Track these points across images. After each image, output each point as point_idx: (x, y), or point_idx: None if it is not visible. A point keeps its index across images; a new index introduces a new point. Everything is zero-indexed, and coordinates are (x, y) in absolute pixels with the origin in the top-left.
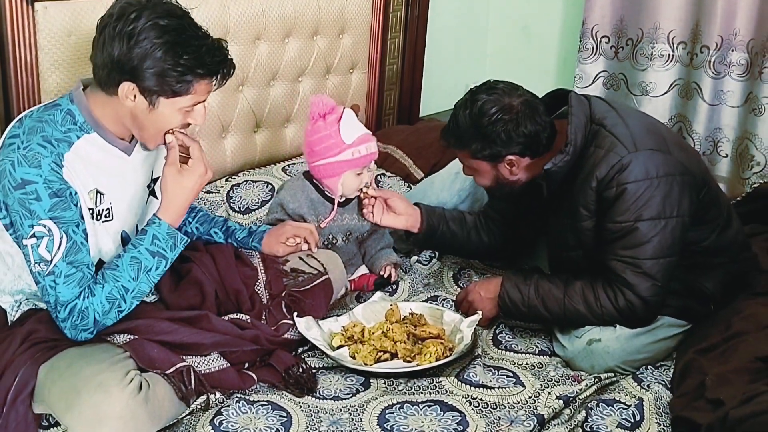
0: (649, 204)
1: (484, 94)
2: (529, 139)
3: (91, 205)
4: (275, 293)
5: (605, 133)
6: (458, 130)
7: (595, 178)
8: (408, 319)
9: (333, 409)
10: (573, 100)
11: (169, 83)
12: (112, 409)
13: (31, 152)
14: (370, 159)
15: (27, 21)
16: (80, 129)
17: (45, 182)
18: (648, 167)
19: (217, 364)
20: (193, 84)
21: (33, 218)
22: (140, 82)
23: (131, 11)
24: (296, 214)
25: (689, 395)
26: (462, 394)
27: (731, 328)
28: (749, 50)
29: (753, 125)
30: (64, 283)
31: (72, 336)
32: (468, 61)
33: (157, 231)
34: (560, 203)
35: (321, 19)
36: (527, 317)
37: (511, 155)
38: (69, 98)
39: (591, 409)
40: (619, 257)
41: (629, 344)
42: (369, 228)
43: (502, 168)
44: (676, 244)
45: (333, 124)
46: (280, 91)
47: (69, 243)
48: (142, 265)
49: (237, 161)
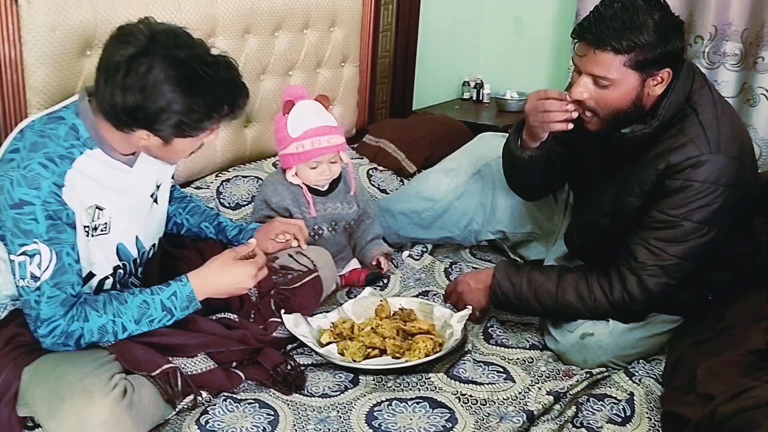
0: (704, 208)
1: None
2: (683, 52)
3: (87, 222)
4: (264, 291)
5: (695, 121)
6: (627, 19)
7: (666, 161)
8: (398, 314)
9: (321, 407)
10: (683, 71)
11: (187, 131)
12: (96, 416)
13: (31, 173)
14: (317, 154)
15: (10, 16)
16: (83, 144)
17: (43, 204)
18: (721, 174)
19: (204, 365)
20: (208, 127)
21: (26, 238)
22: (156, 131)
23: (141, 63)
24: (280, 208)
25: (680, 389)
26: (451, 390)
27: (723, 322)
28: (743, 40)
29: (747, 116)
30: (46, 303)
31: (48, 348)
32: (461, 54)
33: (179, 289)
34: (617, 167)
35: (311, 12)
36: (518, 309)
37: (671, 66)
38: (74, 111)
39: (581, 404)
40: (649, 245)
41: (622, 339)
42: (355, 216)
43: (650, 83)
44: (703, 252)
45: (285, 117)
46: (270, 86)
47: (58, 265)
48: (148, 313)
49: (227, 156)
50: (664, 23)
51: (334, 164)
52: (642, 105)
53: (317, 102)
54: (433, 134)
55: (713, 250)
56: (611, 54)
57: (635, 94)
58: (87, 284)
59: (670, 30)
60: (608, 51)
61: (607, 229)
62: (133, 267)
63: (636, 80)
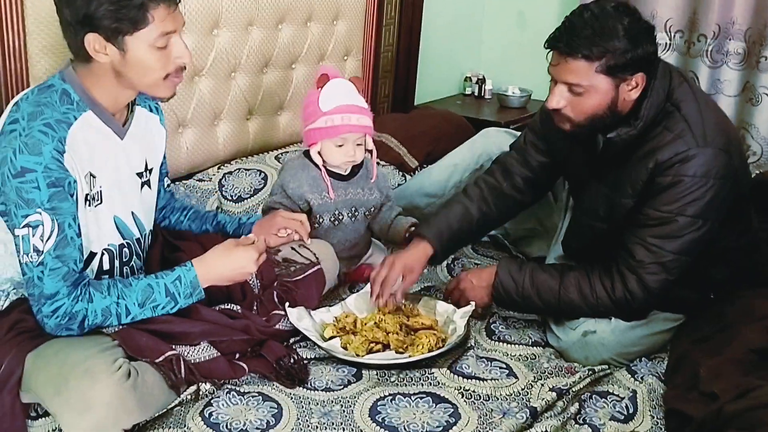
0: (696, 202)
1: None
2: (655, 56)
3: (87, 190)
4: (267, 283)
5: (678, 117)
6: (597, 27)
7: (654, 159)
8: (401, 309)
9: (324, 400)
10: (660, 71)
11: (123, 15)
12: (100, 396)
13: (32, 139)
14: (345, 130)
15: (15, 5)
16: (77, 108)
17: (45, 170)
18: (710, 167)
19: (207, 354)
20: (148, 10)
21: (29, 207)
22: (98, 27)
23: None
24: (296, 196)
25: (682, 387)
26: (454, 385)
27: (725, 320)
28: (747, 39)
29: (750, 115)
30: (49, 276)
31: (51, 332)
32: (463, 49)
33: (184, 274)
34: (606, 171)
35: (315, 5)
36: (520, 307)
37: (644, 70)
38: (60, 77)
39: (584, 401)
40: (645, 242)
41: (624, 336)
42: (376, 203)
43: (624, 88)
44: (700, 246)
45: (318, 92)
46: (273, 78)
47: (60, 236)
48: (152, 297)
49: (229, 149)
50: (634, 28)
51: (360, 147)
52: (618, 110)
53: (351, 83)
54: (435, 129)
55: (709, 244)
56: (583, 61)
57: (610, 99)
58: (89, 267)
59: (641, 35)
60: (580, 59)
61: (603, 232)
62: (137, 247)
63: (609, 85)
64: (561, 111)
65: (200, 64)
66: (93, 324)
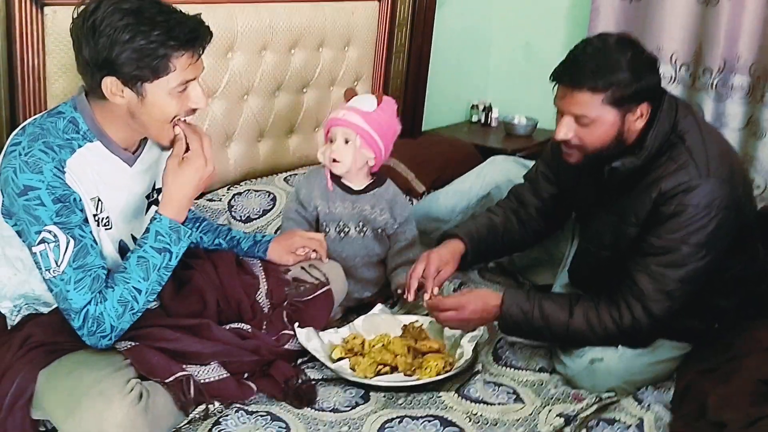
0: (699, 232)
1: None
2: (659, 86)
3: (95, 212)
4: (277, 303)
5: (682, 148)
6: (601, 60)
7: (658, 189)
8: (408, 332)
9: (332, 421)
10: (666, 103)
11: (145, 64)
12: (113, 418)
13: (32, 158)
14: (331, 124)
15: (36, 24)
16: (83, 137)
17: (48, 188)
18: (713, 197)
19: (217, 374)
20: (170, 60)
21: (39, 224)
22: (118, 72)
23: (90, 6)
24: (307, 200)
25: (690, 416)
26: (462, 409)
27: (732, 350)
28: (752, 74)
29: (754, 148)
30: (75, 290)
31: (92, 344)
32: (471, 77)
33: (159, 227)
34: (612, 199)
35: (327, 32)
36: (527, 335)
37: (648, 100)
38: (72, 105)
39: (591, 428)
40: (649, 271)
41: (631, 364)
42: (388, 227)
43: (630, 118)
44: (704, 275)
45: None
46: (284, 102)
47: (76, 247)
48: (150, 264)
49: (240, 170)
50: (637, 60)
51: (347, 147)
52: (623, 139)
53: (372, 95)
54: (443, 156)
55: (715, 273)
56: (589, 94)
57: (616, 130)
58: None
59: (644, 66)
60: (586, 91)
61: (608, 260)
62: None
63: (615, 116)
64: (569, 142)
65: (214, 86)
66: (119, 323)
